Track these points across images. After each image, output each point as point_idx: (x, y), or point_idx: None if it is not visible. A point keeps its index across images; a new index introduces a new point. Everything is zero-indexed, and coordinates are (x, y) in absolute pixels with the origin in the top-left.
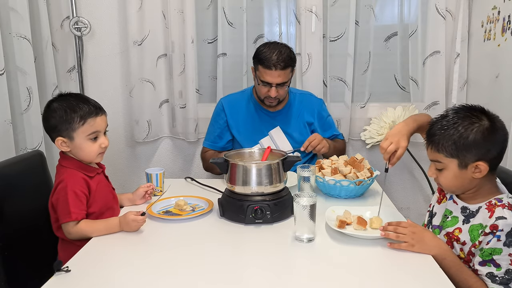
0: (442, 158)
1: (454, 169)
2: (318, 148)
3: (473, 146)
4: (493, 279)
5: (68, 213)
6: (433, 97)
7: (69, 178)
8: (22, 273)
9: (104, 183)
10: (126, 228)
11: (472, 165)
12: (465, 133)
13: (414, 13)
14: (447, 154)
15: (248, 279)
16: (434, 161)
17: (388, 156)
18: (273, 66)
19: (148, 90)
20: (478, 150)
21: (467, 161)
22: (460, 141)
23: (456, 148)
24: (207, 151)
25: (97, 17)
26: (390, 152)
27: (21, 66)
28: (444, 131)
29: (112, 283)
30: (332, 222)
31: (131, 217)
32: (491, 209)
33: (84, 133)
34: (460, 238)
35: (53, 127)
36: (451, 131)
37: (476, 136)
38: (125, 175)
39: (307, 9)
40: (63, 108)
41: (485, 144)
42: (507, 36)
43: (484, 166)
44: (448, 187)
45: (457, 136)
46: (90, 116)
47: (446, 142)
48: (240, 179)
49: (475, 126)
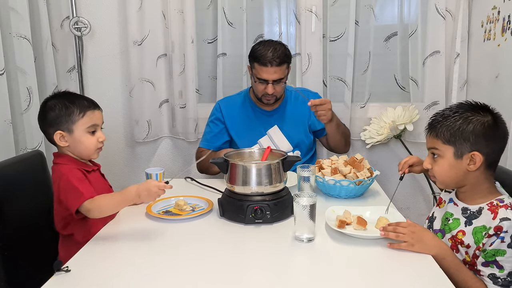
0: (439, 145)
1: (449, 158)
2: (320, 114)
3: (471, 136)
4: (495, 280)
5: (80, 195)
6: (433, 97)
7: (69, 172)
8: (22, 273)
9: (101, 181)
10: (144, 196)
11: (467, 156)
12: (465, 122)
13: (414, 13)
14: (444, 141)
15: (248, 279)
16: (431, 148)
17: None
18: (268, 62)
19: (148, 90)
20: (476, 140)
21: (463, 150)
22: (460, 128)
23: (454, 135)
24: (203, 151)
25: (97, 17)
26: (403, 161)
27: (21, 66)
28: (445, 119)
29: (112, 283)
30: (332, 222)
31: (153, 182)
32: (493, 210)
33: (83, 125)
34: (464, 241)
35: (52, 120)
36: (453, 118)
37: (475, 127)
38: (125, 175)
39: (307, 9)
40: (62, 102)
41: (483, 137)
42: (507, 36)
43: (479, 157)
44: (442, 178)
45: (458, 124)
46: (89, 109)
47: (446, 128)
48: (240, 179)
49: (476, 118)
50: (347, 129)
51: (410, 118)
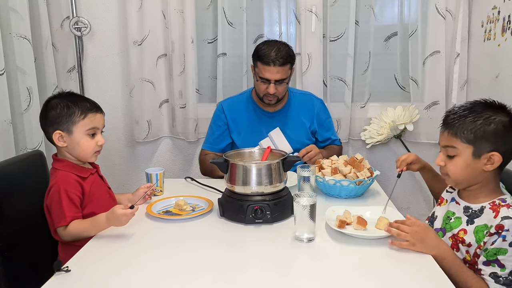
0: (458, 144)
1: (467, 157)
2: (313, 160)
3: (492, 136)
4: (497, 279)
5: (63, 217)
6: (433, 97)
7: (62, 181)
8: (22, 273)
9: (99, 183)
10: (115, 222)
11: (485, 156)
12: (485, 122)
13: (414, 13)
14: (465, 140)
15: (248, 279)
16: (448, 146)
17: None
18: (271, 62)
19: (148, 90)
20: (496, 140)
21: (482, 150)
22: (481, 129)
23: (475, 135)
24: (207, 153)
25: (97, 17)
26: (401, 158)
27: (21, 66)
28: (464, 117)
29: (112, 283)
30: (332, 222)
31: (119, 211)
32: (495, 209)
33: (83, 127)
34: (465, 240)
35: (52, 120)
36: (471, 118)
37: (497, 127)
38: (125, 175)
39: (307, 9)
40: (64, 102)
41: (503, 136)
42: (507, 36)
43: (498, 157)
44: (455, 176)
45: (479, 124)
46: (91, 111)
47: (466, 128)
48: (240, 179)
49: (496, 117)
50: (337, 151)
51: (410, 118)
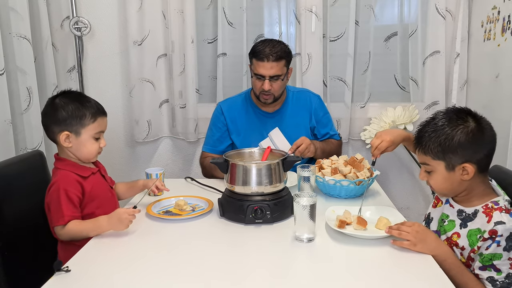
0: (430, 161)
1: (442, 172)
2: (304, 153)
3: (459, 148)
4: (494, 283)
5: (61, 217)
6: (433, 97)
7: (62, 180)
8: (22, 273)
9: (101, 183)
10: (117, 224)
11: (459, 167)
12: (450, 135)
13: (414, 13)
14: (434, 157)
15: (248, 279)
16: (423, 163)
17: (373, 150)
18: (265, 57)
19: (148, 90)
20: (464, 151)
21: (454, 163)
22: (446, 143)
23: (442, 150)
24: (207, 156)
25: (97, 17)
26: (374, 146)
27: (21, 66)
28: (430, 133)
29: (112, 283)
30: (332, 222)
31: (122, 210)
32: (488, 213)
33: (92, 130)
34: (459, 243)
35: (61, 120)
36: (437, 133)
37: (461, 138)
38: (125, 175)
39: (307, 9)
40: (75, 104)
41: (470, 146)
42: (507, 36)
43: (471, 168)
44: (439, 190)
45: (443, 138)
46: (99, 115)
47: (433, 144)
48: (240, 179)
49: (459, 128)
50: (335, 145)
51: (410, 118)
